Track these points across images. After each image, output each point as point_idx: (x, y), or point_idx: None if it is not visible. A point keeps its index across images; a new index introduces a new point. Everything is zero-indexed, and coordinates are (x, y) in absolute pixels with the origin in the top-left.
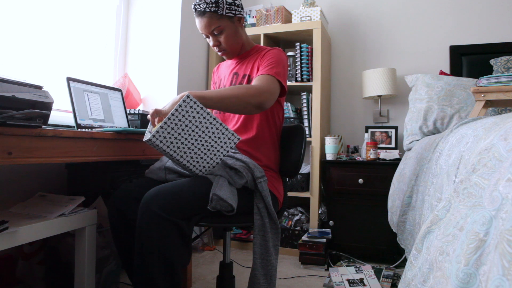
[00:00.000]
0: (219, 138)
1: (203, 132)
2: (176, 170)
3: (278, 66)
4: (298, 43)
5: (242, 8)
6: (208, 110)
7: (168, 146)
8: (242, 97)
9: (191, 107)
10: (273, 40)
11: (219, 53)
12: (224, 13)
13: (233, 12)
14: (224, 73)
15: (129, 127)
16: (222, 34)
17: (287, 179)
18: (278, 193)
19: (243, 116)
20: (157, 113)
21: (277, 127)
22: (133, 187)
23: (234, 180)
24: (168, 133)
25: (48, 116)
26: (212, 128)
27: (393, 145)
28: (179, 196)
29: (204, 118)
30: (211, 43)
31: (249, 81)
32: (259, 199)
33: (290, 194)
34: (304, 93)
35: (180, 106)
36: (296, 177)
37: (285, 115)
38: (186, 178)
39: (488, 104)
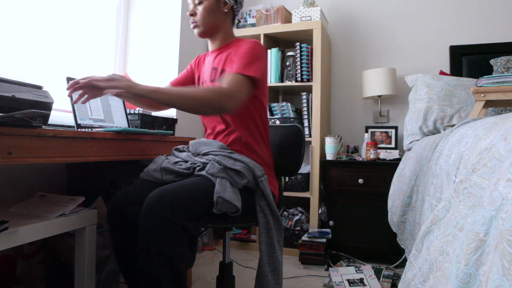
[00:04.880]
0: None
1: None
2: (172, 170)
3: (251, 60)
4: (298, 43)
5: (236, 1)
6: None
7: None
8: (201, 100)
9: None
10: (273, 40)
11: (191, 26)
12: None
13: None
14: (206, 68)
15: (129, 127)
16: (201, 5)
17: (287, 178)
18: (275, 190)
19: (229, 118)
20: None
21: (265, 124)
22: (132, 190)
23: (235, 180)
24: None
25: (48, 116)
26: None
27: (393, 145)
28: (183, 198)
29: None
30: (189, 12)
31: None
32: (261, 198)
33: (290, 194)
34: (304, 93)
35: None
36: (296, 177)
37: (285, 115)
38: (184, 179)
39: (488, 104)
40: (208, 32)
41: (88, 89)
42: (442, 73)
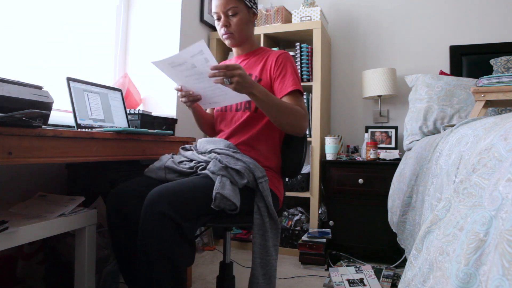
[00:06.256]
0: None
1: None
2: (176, 169)
3: (296, 74)
4: (298, 43)
5: (257, 9)
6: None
7: None
8: (296, 117)
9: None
10: (273, 40)
11: (223, 36)
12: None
13: (251, 4)
14: None
15: (129, 127)
16: (235, 17)
17: (287, 179)
18: (279, 193)
19: (245, 115)
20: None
21: (281, 131)
22: (132, 185)
23: (236, 180)
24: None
25: (48, 116)
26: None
27: (393, 145)
28: (183, 196)
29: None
30: (220, 24)
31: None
32: (260, 198)
33: (290, 194)
34: (304, 93)
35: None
36: (296, 177)
37: None
38: (187, 178)
39: (488, 104)
40: (242, 42)
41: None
42: (442, 73)
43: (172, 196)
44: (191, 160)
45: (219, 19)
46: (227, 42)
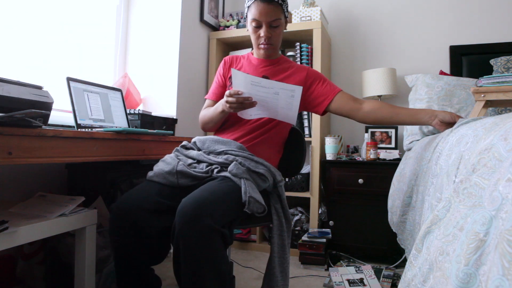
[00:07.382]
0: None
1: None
2: (189, 174)
3: None
4: (298, 43)
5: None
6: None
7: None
8: None
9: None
10: None
11: (262, 46)
12: (285, 11)
13: (286, 14)
14: (248, 71)
15: (129, 127)
16: (277, 29)
17: (287, 179)
18: None
19: (261, 119)
20: None
21: (287, 132)
22: (141, 194)
23: (258, 183)
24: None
25: (48, 116)
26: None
27: (393, 145)
28: (220, 204)
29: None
30: (263, 33)
31: None
32: (276, 200)
33: (290, 194)
34: None
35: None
36: (296, 177)
37: None
38: (202, 181)
39: (488, 104)
40: (276, 53)
41: None
42: (442, 73)
43: (212, 207)
44: (198, 161)
45: (259, 27)
46: (263, 52)
